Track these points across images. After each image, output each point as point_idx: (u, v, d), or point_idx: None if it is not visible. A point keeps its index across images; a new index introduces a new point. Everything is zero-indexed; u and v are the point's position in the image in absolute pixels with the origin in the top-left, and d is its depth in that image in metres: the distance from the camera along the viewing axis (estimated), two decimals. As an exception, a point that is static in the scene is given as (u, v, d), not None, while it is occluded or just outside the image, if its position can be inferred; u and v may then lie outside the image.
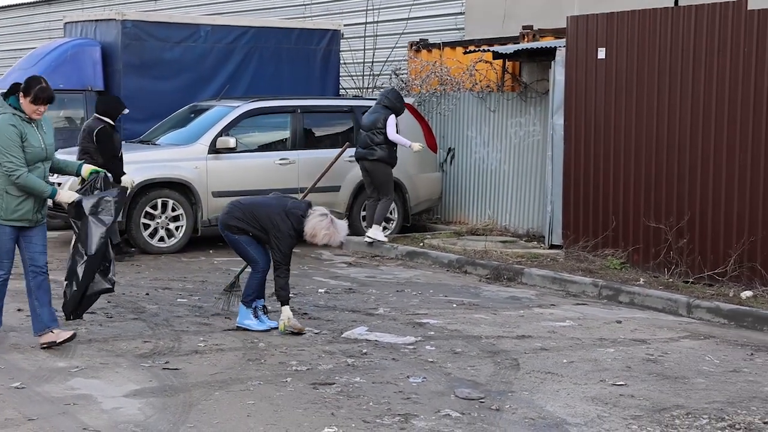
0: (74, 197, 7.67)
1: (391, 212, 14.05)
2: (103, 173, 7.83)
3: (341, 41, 16.58)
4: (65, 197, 7.66)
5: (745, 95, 10.31)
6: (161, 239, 12.75)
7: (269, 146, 13.85)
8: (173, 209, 12.79)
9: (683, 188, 10.90)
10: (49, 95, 7.48)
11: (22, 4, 29.34)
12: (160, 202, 12.70)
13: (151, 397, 6.60)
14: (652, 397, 6.88)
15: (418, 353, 7.91)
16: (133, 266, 11.67)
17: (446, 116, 15.42)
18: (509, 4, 17.17)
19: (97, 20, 15.61)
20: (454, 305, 9.95)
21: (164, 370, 7.24)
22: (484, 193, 14.89)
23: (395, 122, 13.20)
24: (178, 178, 12.82)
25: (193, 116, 13.96)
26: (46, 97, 7.46)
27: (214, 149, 13.07)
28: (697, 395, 6.95)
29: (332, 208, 13.06)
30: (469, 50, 15.08)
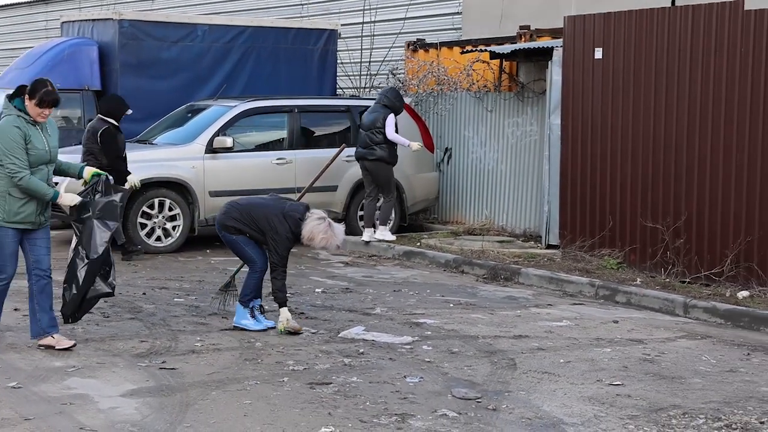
0: (76, 200, 7.65)
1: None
2: (104, 176, 7.80)
3: (338, 41, 16.59)
4: (67, 200, 7.63)
5: (741, 95, 10.32)
6: (158, 239, 12.75)
7: (266, 146, 13.84)
8: (170, 209, 12.79)
9: (680, 188, 10.91)
10: (54, 98, 7.46)
11: (19, 3, 29.30)
12: (157, 201, 12.69)
13: (148, 396, 6.60)
14: (648, 396, 6.88)
15: (415, 353, 7.91)
16: (130, 266, 11.66)
17: (443, 116, 15.41)
18: (506, 4, 17.18)
19: (94, 20, 15.60)
20: (451, 305, 9.96)
21: (161, 369, 7.24)
22: (481, 193, 14.89)
23: (394, 121, 13.19)
24: (175, 177, 12.81)
25: (190, 116, 13.95)
26: (51, 100, 7.44)
27: (211, 149, 13.07)
28: (693, 395, 6.95)
29: (329, 207, 13.11)
30: (466, 50, 15.08)
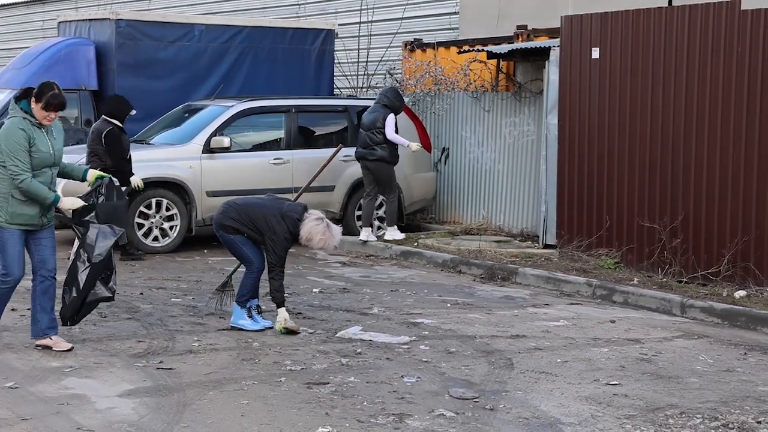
0: (77, 204, 7.63)
1: (385, 212, 14.03)
2: (107, 178, 7.78)
3: (335, 41, 16.58)
4: (67, 204, 7.60)
5: (738, 95, 10.32)
6: (155, 239, 12.74)
7: (263, 146, 13.83)
8: (167, 209, 12.78)
9: (677, 188, 10.91)
10: (60, 102, 7.44)
11: (16, 3, 29.26)
12: (154, 201, 12.68)
13: (145, 396, 6.60)
14: (645, 396, 6.89)
15: (412, 353, 7.91)
16: (127, 266, 11.65)
17: (440, 116, 15.41)
18: (503, 4, 17.17)
19: (91, 19, 15.59)
20: (448, 305, 9.95)
21: (158, 369, 7.24)
22: (478, 192, 14.89)
23: (394, 121, 13.20)
24: (172, 177, 12.81)
25: (187, 116, 13.94)
26: (57, 103, 7.42)
27: (208, 149, 13.06)
28: (690, 395, 6.96)
29: (326, 207, 13.11)
30: (463, 50, 15.07)
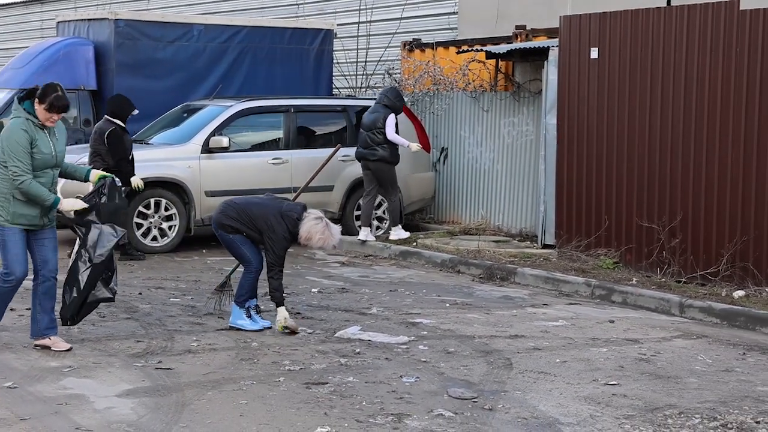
0: (77, 206, 7.59)
1: (384, 212, 14.05)
2: (110, 178, 7.75)
3: (334, 41, 16.58)
4: (67, 206, 7.55)
5: (737, 95, 10.32)
6: (154, 239, 12.73)
7: (262, 146, 13.83)
8: (166, 209, 12.77)
9: (676, 188, 10.91)
10: (64, 104, 7.42)
11: (14, 3, 29.24)
12: (153, 201, 12.68)
13: (143, 396, 6.60)
14: (644, 396, 6.89)
15: (411, 353, 7.91)
16: (126, 266, 11.64)
17: (439, 116, 15.41)
18: (502, 4, 17.17)
19: (89, 19, 15.59)
20: (447, 305, 9.95)
21: (157, 369, 7.24)
22: (477, 192, 14.89)
23: (395, 122, 13.21)
24: (171, 177, 12.80)
25: (186, 116, 13.94)
26: (61, 105, 7.40)
27: (207, 149, 13.06)
28: (689, 395, 6.96)
29: (325, 207, 13.10)
30: (462, 50, 15.08)
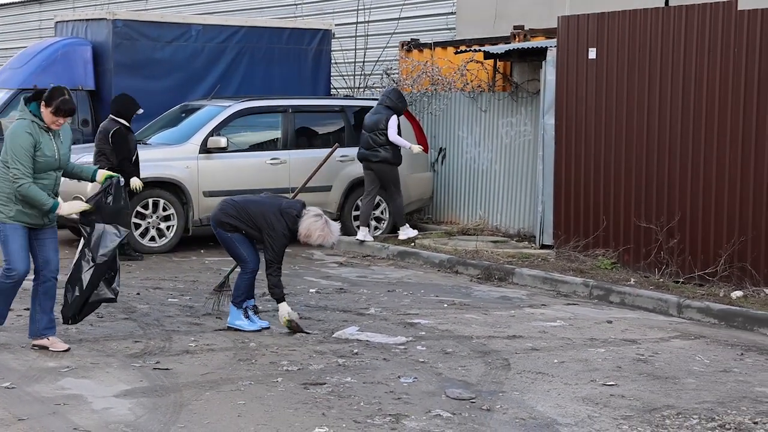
0: (74, 210, 7.54)
1: (382, 212, 14.06)
2: (116, 178, 7.72)
3: (332, 41, 16.58)
4: (65, 211, 7.50)
5: (735, 95, 10.33)
6: (152, 239, 12.73)
7: (260, 146, 13.83)
8: (164, 209, 12.77)
9: (674, 188, 10.92)
10: (70, 108, 7.40)
11: (12, 3, 29.24)
12: (151, 201, 12.67)
13: (141, 397, 6.60)
14: (642, 397, 6.89)
15: (409, 353, 7.91)
16: (124, 266, 11.60)
17: (437, 116, 15.42)
18: (500, 4, 17.18)
19: (88, 19, 15.58)
20: (445, 305, 9.96)
21: (155, 370, 7.23)
22: (475, 193, 14.89)
23: (397, 123, 13.23)
24: (169, 177, 12.80)
25: (184, 116, 13.94)
26: (67, 109, 7.37)
27: (205, 149, 13.05)
28: (687, 395, 6.96)
29: (323, 207, 13.03)
30: (460, 50, 15.08)
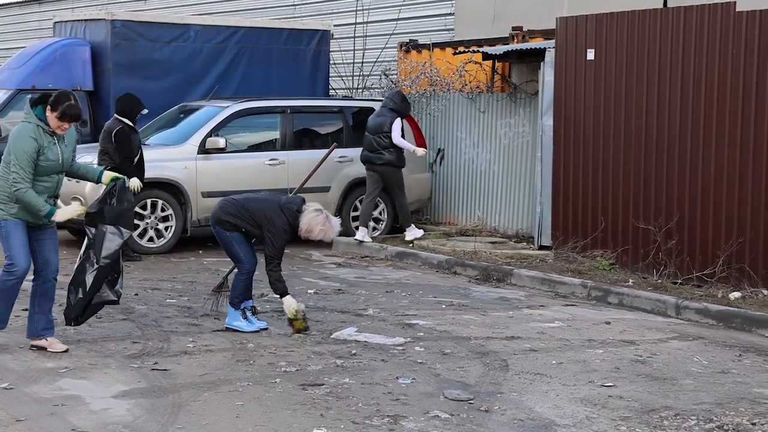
0: (67, 216, 7.47)
1: (380, 213, 14.06)
2: (122, 180, 7.70)
3: (331, 41, 16.58)
4: (61, 217, 7.45)
5: (733, 96, 10.33)
6: (150, 239, 12.73)
7: (259, 146, 13.83)
8: (162, 209, 12.76)
9: (672, 189, 10.92)
10: (76, 113, 7.36)
11: (11, 3, 29.24)
12: (149, 202, 12.66)
13: (139, 398, 6.59)
14: (640, 398, 6.89)
15: (407, 354, 7.91)
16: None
17: (436, 117, 15.41)
18: (499, 5, 17.19)
19: (86, 20, 15.58)
20: (443, 306, 9.95)
21: (153, 370, 7.23)
22: (473, 193, 14.89)
23: (401, 126, 13.24)
24: (167, 178, 12.79)
25: (182, 116, 13.94)
26: (73, 114, 7.34)
27: (203, 149, 13.05)
28: (685, 396, 6.96)
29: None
30: (458, 51, 15.08)
